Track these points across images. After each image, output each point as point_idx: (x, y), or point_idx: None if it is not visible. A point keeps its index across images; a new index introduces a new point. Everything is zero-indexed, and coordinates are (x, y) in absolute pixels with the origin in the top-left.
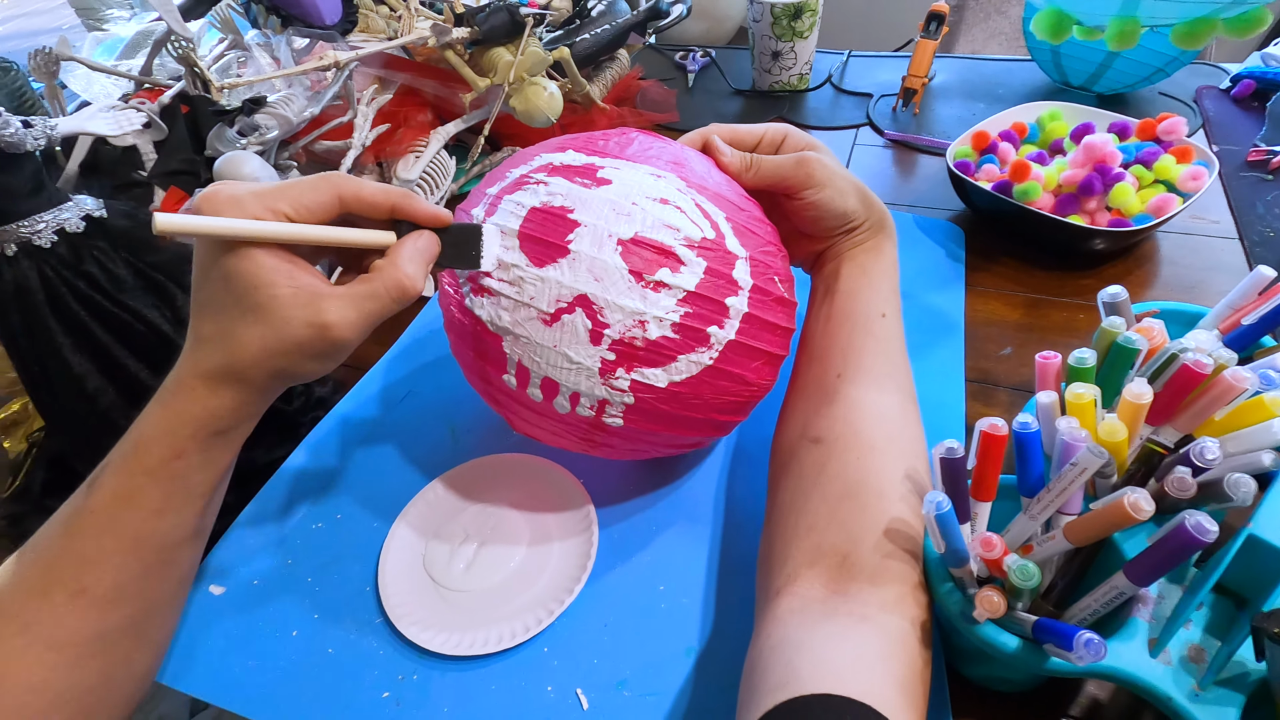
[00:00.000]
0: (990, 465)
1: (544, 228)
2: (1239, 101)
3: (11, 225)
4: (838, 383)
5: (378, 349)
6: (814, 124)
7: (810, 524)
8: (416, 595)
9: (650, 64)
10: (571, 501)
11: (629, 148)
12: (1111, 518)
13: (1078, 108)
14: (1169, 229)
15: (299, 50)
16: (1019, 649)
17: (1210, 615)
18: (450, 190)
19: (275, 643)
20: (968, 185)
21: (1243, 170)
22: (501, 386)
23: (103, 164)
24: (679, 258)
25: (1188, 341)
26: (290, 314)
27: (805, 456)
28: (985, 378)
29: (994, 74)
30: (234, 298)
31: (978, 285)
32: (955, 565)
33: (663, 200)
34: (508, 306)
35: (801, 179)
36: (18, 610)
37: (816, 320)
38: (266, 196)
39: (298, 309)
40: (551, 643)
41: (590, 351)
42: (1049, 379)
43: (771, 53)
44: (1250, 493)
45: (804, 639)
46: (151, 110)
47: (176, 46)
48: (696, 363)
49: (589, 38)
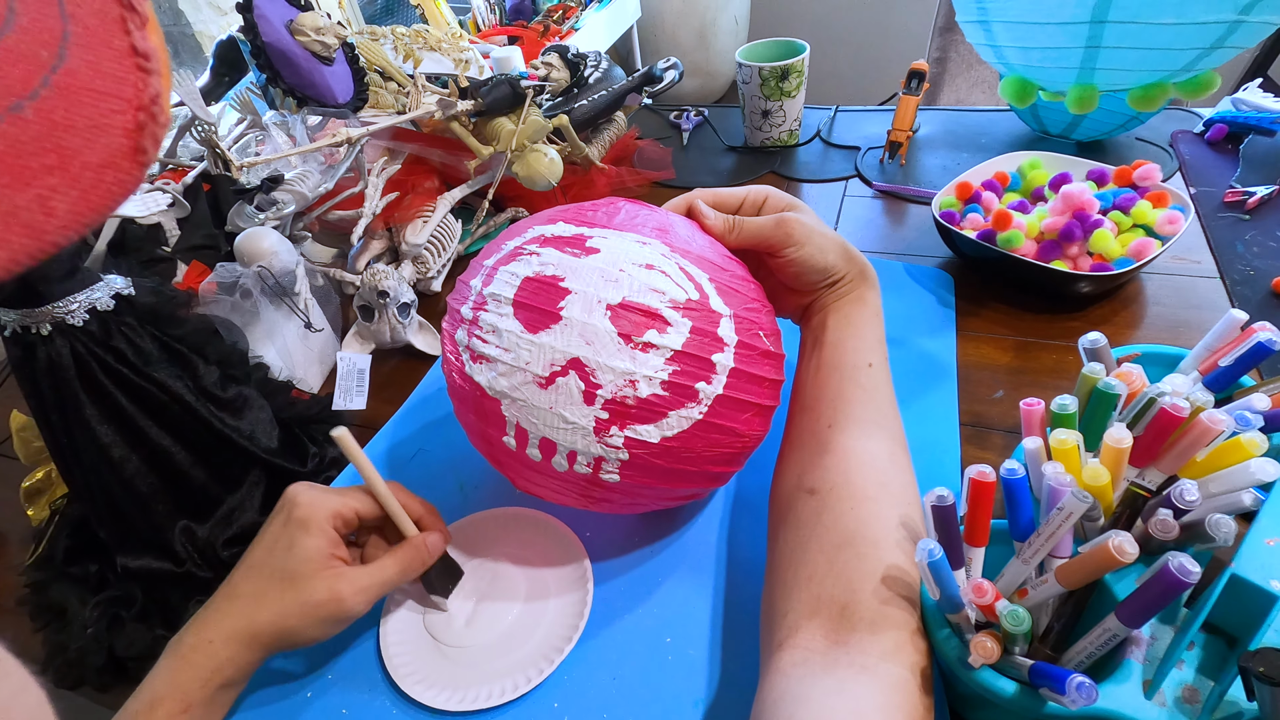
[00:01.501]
0: (981, 511)
1: (537, 296)
2: (1213, 144)
3: (47, 306)
4: (829, 433)
5: (388, 408)
6: (804, 177)
7: (809, 574)
8: (419, 654)
9: (646, 124)
10: (567, 554)
11: (616, 217)
12: (1099, 561)
13: (1057, 156)
14: (1152, 270)
15: (313, 127)
16: (1016, 694)
17: (1202, 655)
18: (457, 251)
19: (290, 705)
20: (954, 234)
21: (1220, 211)
22: (502, 447)
23: (129, 242)
24: (665, 319)
25: (1165, 385)
26: (318, 583)
27: (801, 507)
28: (979, 421)
29: (977, 124)
30: (285, 565)
31: (968, 330)
32: (951, 611)
33: (648, 265)
34: (504, 371)
35: (781, 238)
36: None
37: (806, 371)
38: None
39: (325, 580)
40: (561, 697)
41: (584, 411)
42: (1034, 425)
43: (761, 111)
44: (1231, 533)
45: (806, 693)
46: (176, 190)
47: (200, 130)
48: (687, 418)
49: (586, 104)
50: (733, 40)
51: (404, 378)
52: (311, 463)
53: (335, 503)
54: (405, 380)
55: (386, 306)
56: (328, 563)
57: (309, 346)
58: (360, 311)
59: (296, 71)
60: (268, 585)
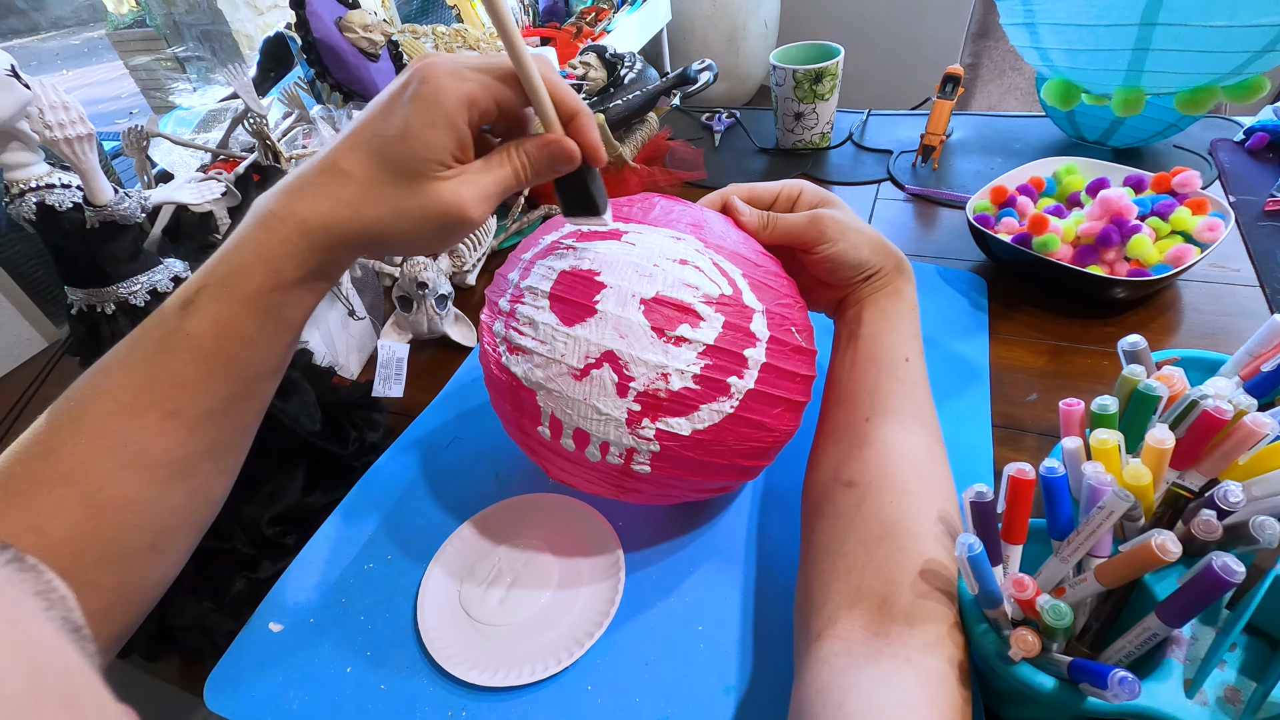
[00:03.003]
0: (1019, 509)
1: (573, 289)
2: (1254, 153)
3: (112, 286)
4: (867, 426)
5: (424, 397)
6: (836, 180)
7: (849, 565)
8: (455, 631)
9: (678, 125)
10: (601, 541)
11: (651, 212)
12: (1140, 559)
13: (1093, 162)
14: (1190, 277)
15: None
16: (1055, 689)
17: (1245, 656)
18: (491, 246)
19: (331, 679)
20: (988, 238)
21: (1261, 220)
22: (537, 437)
23: (183, 229)
24: (698, 314)
25: (1207, 388)
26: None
27: (839, 499)
28: (1012, 423)
29: (1010, 130)
30: (403, 156)
31: (1001, 333)
32: (989, 606)
33: (682, 261)
34: (540, 363)
35: (815, 235)
36: (111, 429)
37: (842, 365)
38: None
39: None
40: (595, 680)
41: (617, 403)
42: (1073, 425)
43: (794, 114)
44: (1276, 535)
45: (851, 683)
46: (228, 180)
47: (252, 121)
48: (718, 411)
49: (621, 103)
50: (762, 44)
51: (440, 368)
52: (351, 447)
53: (472, 87)
54: (441, 370)
55: (425, 298)
56: (450, 162)
57: (350, 334)
58: (399, 302)
59: (344, 67)
60: (377, 173)
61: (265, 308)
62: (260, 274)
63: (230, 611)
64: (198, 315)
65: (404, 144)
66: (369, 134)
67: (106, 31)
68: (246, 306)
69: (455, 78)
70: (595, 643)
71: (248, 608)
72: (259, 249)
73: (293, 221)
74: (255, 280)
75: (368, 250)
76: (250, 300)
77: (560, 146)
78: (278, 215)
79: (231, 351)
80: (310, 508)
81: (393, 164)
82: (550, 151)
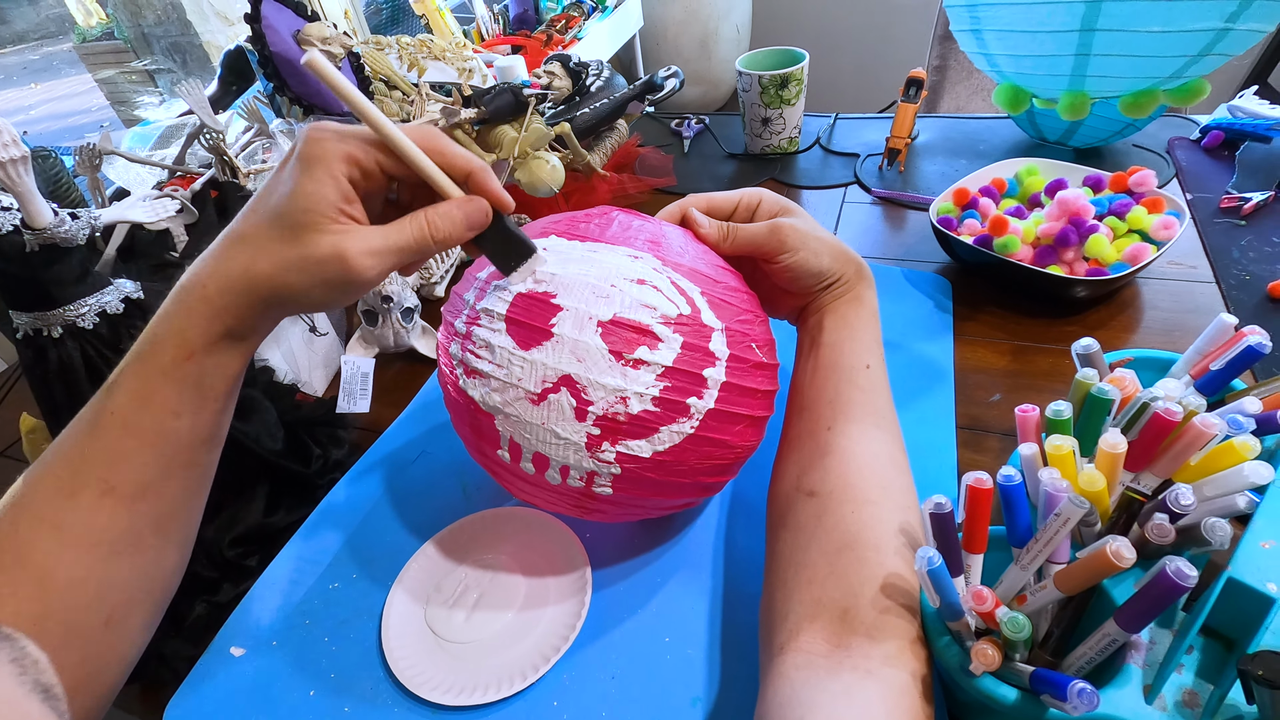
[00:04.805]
0: (979, 518)
1: (529, 312)
2: (1209, 151)
3: (59, 310)
4: (828, 435)
5: (391, 411)
6: (804, 184)
7: (810, 576)
8: (420, 650)
9: (648, 131)
10: (567, 554)
11: (609, 229)
12: (1096, 566)
13: (1053, 163)
14: (1149, 275)
15: None
16: (1018, 701)
17: (1202, 659)
18: (460, 257)
19: (294, 704)
20: (951, 240)
21: (1217, 217)
22: (497, 460)
23: (138, 247)
24: (656, 335)
25: (1158, 390)
26: (320, 237)
27: (801, 509)
28: (976, 424)
29: (975, 131)
30: (284, 210)
31: (966, 334)
32: (951, 619)
33: (640, 280)
34: (497, 387)
35: (775, 245)
36: (50, 511)
37: (804, 372)
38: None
39: (330, 234)
40: (560, 696)
41: (576, 428)
42: (1030, 431)
43: (761, 119)
44: (1226, 536)
45: (812, 697)
46: (184, 197)
47: (208, 137)
48: (678, 432)
49: (588, 111)
50: (734, 49)
51: (407, 381)
52: (315, 465)
53: (352, 146)
54: (408, 384)
55: (390, 311)
56: (333, 215)
57: (313, 350)
58: (364, 316)
59: (303, 80)
60: (267, 230)
61: (182, 378)
62: (172, 345)
63: (189, 637)
64: (119, 392)
65: (289, 200)
66: (263, 198)
67: (74, 44)
68: (164, 378)
69: (337, 138)
70: (561, 658)
71: (208, 632)
72: (170, 321)
73: (198, 289)
74: (169, 352)
75: (271, 307)
76: (166, 372)
77: (472, 205)
78: (185, 286)
79: (157, 424)
80: (273, 528)
81: (280, 220)
82: (464, 211)
